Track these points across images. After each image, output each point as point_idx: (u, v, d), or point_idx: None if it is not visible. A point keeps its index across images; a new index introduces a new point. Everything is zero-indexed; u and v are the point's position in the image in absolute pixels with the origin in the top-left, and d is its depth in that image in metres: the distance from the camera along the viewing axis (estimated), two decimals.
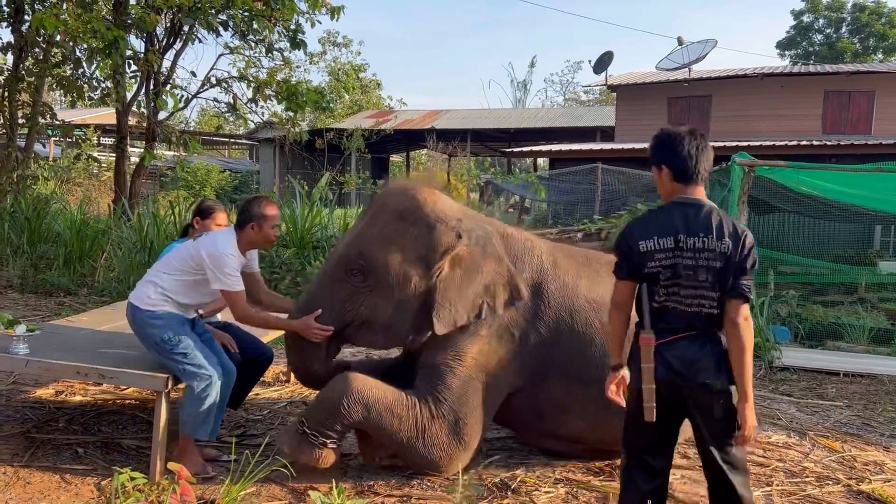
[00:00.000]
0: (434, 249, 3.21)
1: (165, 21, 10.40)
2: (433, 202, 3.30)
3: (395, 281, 3.21)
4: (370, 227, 3.31)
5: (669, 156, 2.50)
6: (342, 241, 3.40)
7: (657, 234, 2.43)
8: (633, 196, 10.48)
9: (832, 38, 34.85)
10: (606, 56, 17.80)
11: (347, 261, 3.27)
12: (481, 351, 3.32)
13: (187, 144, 11.31)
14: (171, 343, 3.26)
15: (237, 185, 24.79)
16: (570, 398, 3.40)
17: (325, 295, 3.31)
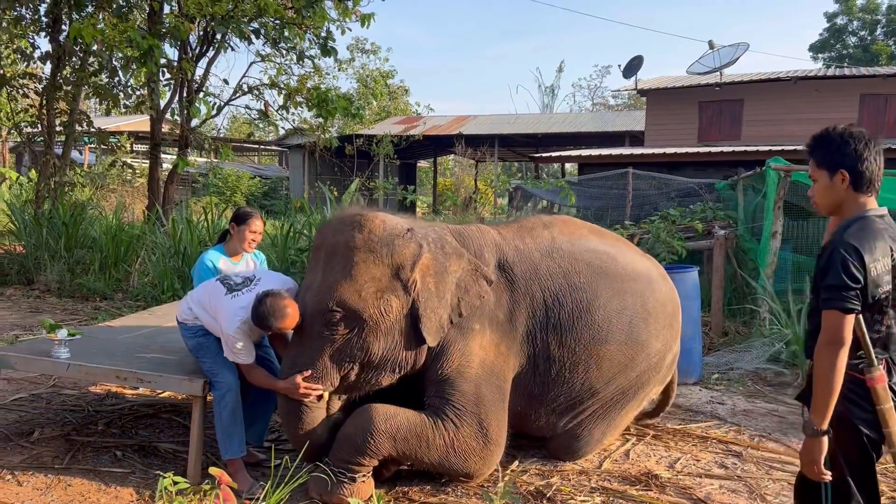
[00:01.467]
0: (402, 266, 3.18)
1: (199, 29, 10.54)
2: (381, 223, 3.24)
3: (378, 313, 3.13)
4: (331, 273, 3.16)
5: (851, 161, 2.17)
6: (306, 298, 3.18)
7: (881, 252, 2.10)
8: (664, 201, 10.37)
9: (867, 41, 34.24)
10: (636, 60, 17.67)
11: (324, 315, 3.10)
12: (482, 345, 3.35)
13: (219, 151, 11.44)
14: (202, 349, 3.37)
15: (267, 191, 25.02)
16: (565, 349, 3.49)
17: (315, 356, 3.15)
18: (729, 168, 11.57)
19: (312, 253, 3.39)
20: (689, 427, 4.44)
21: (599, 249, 3.75)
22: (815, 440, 2.11)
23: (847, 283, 2.05)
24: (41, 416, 4.16)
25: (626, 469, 3.72)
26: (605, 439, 3.89)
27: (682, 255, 7.41)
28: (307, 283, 3.29)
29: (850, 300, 2.05)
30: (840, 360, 2.05)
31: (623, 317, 3.62)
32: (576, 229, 3.86)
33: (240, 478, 3.28)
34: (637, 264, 3.85)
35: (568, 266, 3.59)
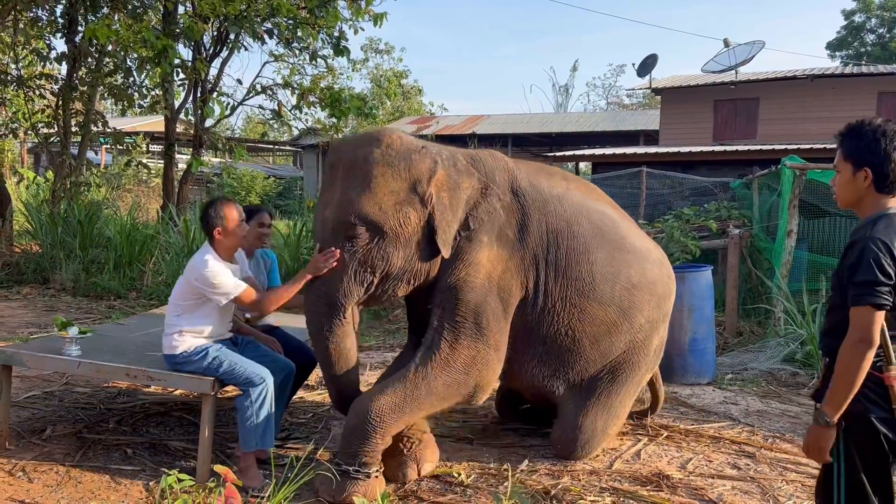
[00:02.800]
0: (419, 180, 3.27)
1: (212, 30, 10.59)
2: (398, 138, 3.34)
3: (398, 225, 3.22)
4: (350, 188, 3.23)
5: (879, 160, 2.12)
6: (325, 213, 3.29)
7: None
8: (678, 200, 10.30)
9: (885, 38, 33.82)
10: (650, 59, 17.54)
11: (346, 228, 3.21)
12: (489, 258, 3.41)
13: (233, 151, 11.49)
14: (213, 367, 3.31)
15: (281, 191, 25.12)
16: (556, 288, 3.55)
17: (337, 270, 3.23)
18: (744, 167, 11.46)
19: (329, 171, 3.41)
20: (701, 427, 4.40)
21: (607, 214, 3.83)
22: (825, 430, 2.08)
23: (880, 279, 2.01)
24: (53, 413, 4.19)
25: (636, 469, 3.68)
26: (609, 430, 3.83)
27: (696, 255, 7.36)
28: (324, 200, 3.36)
29: (882, 296, 2.02)
30: (868, 358, 2.02)
31: (608, 280, 3.64)
32: (593, 191, 3.98)
33: (252, 473, 3.29)
34: (637, 241, 3.88)
35: (573, 215, 3.64)
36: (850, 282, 2.07)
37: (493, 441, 4.08)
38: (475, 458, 3.79)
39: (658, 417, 4.53)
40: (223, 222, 3.34)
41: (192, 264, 3.35)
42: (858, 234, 2.12)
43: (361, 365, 5.69)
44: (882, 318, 2.04)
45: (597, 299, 3.62)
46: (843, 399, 2.05)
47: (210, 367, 3.29)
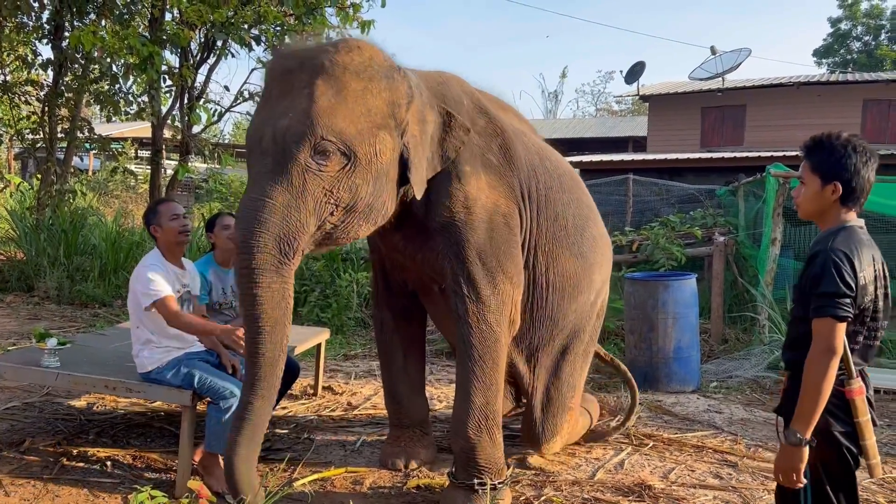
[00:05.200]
0: (398, 105, 2.80)
1: (199, 36, 10.56)
2: (379, 52, 2.83)
3: (372, 152, 2.71)
4: (319, 98, 2.61)
5: (848, 175, 2.14)
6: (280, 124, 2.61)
7: (867, 262, 2.10)
8: (665, 207, 10.34)
9: (871, 46, 34.13)
10: (638, 66, 17.65)
11: (314, 144, 2.59)
12: (479, 187, 3.09)
13: (220, 157, 11.45)
14: (186, 381, 3.28)
15: None
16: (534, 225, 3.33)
17: (296, 196, 2.60)
18: (731, 174, 11.53)
19: (279, 77, 2.75)
20: (685, 436, 4.40)
21: (560, 157, 3.80)
22: (798, 449, 2.07)
23: (842, 290, 2.03)
24: (32, 425, 4.14)
25: (619, 479, 3.68)
26: (570, 403, 3.75)
27: (681, 262, 7.38)
28: (275, 109, 2.69)
29: (844, 308, 2.03)
30: (832, 370, 2.02)
31: (578, 229, 3.53)
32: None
33: (216, 473, 3.28)
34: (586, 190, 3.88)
35: (541, 148, 3.56)
36: (813, 293, 2.08)
37: None
38: None
39: (642, 426, 4.54)
40: (157, 218, 3.35)
41: (137, 267, 3.37)
42: (819, 246, 2.13)
43: (347, 374, 5.70)
44: (844, 329, 2.05)
45: (569, 248, 3.45)
46: (812, 413, 2.05)
47: (184, 381, 3.28)
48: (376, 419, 4.58)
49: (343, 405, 4.87)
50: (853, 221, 2.17)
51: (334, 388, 5.23)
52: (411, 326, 3.76)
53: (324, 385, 5.19)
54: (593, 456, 4.02)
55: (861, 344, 2.16)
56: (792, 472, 2.09)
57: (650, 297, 5.59)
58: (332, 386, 5.26)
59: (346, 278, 7.61)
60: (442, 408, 4.91)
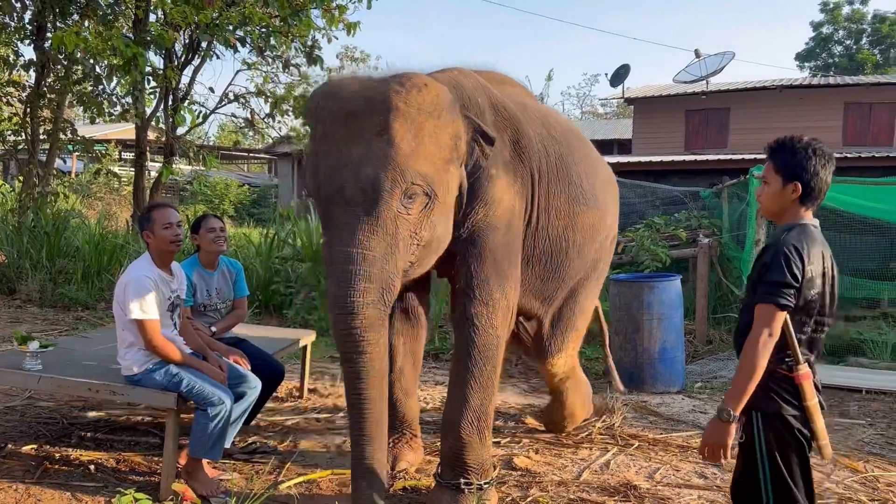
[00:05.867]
0: (460, 137, 2.85)
1: (184, 38, 10.51)
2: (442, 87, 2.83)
3: (445, 188, 2.74)
4: (402, 141, 2.60)
5: (809, 175, 2.25)
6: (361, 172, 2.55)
7: (815, 258, 2.22)
8: (650, 209, 10.40)
9: (852, 50, 34.53)
10: (623, 69, 17.74)
11: (405, 189, 2.58)
12: (503, 188, 3.10)
13: (205, 159, 11.39)
14: (173, 384, 3.25)
15: (256, 200, 24.96)
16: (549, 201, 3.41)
17: (391, 243, 2.62)
18: (715, 176, 11.60)
19: (335, 122, 2.67)
20: (670, 436, 4.42)
21: (555, 110, 3.88)
22: (727, 425, 2.19)
23: (787, 280, 2.16)
24: (14, 428, 4.10)
25: (605, 480, 3.69)
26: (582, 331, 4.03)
27: (666, 264, 7.43)
28: (347, 158, 2.61)
29: (786, 297, 2.16)
30: (766, 353, 2.16)
31: (589, 178, 3.65)
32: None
33: (201, 477, 3.26)
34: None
35: (544, 117, 3.60)
36: (760, 281, 2.21)
37: None
38: None
39: (627, 427, 4.56)
40: (150, 224, 3.32)
41: (127, 272, 3.34)
42: (774, 239, 2.27)
43: (334, 376, 5.68)
44: (783, 317, 2.16)
45: (585, 203, 3.57)
46: (744, 392, 2.17)
47: (170, 384, 3.24)
48: None
49: (329, 407, 4.85)
50: (808, 220, 2.29)
51: (320, 390, 5.22)
52: (412, 328, 3.77)
53: (310, 387, 5.17)
54: (579, 456, 4.04)
55: (808, 335, 2.27)
56: (719, 447, 2.21)
57: (635, 298, 5.62)
58: (317, 388, 5.25)
59: None
60: (430, 410, 4.90)
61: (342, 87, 2.75)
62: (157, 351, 3.23)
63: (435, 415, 4.74)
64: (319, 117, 2.73)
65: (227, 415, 3.26)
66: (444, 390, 5.39)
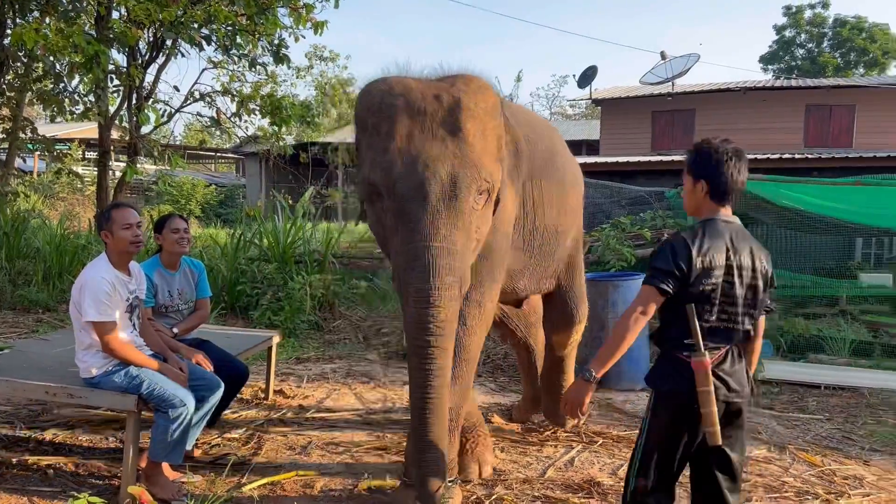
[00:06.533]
0: (502, 138, 2.99)
1: (148, 35, 10.34)
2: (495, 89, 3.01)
3: (495, 185, 2.85)
4: (475, 140, 2.73)
5: (712, 172, 2.43)
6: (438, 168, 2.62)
7: (713, 251, 2.36)
8: (616, 209, 10.51)
9: (814, 53, 35.24)
10: (590, 70, 17.89)
11: (478, 187, 2.70)
12: (510, 196, 3.22)
13: (170, 159, 11.23)
14: (133, 386, 3.20)
15: (223, 200, 24.66)
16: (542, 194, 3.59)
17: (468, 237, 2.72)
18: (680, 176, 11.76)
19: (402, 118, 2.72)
20: (634, 433, 4.45)
21: (534, 115, 4.21)
22: (588, 385, 2.46)
23: (670, 269, 2.34)
24: None
25: (569, 477, 3.72)
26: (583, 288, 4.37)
27: (631, 263, 7.50)
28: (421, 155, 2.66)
29: (665, 283, 2.35)
30: (636, 328, 2.38)
31: (569, 165, 3.96)
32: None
33: (160, 481, 3.23)
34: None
35: (524, 114, 3.78)
36: (650, 264, 2.42)
37: None
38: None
39: (592, 424, 4.60)
40: (109, 224, 3.26)
41: (84, 272, 3.27)
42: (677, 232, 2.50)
43: (300, 377, 5.65)
44: (660, 300, 2.37)
45: (568, 189, 3.82)
46: (610, 358, 2.41)
47: (130, 386, 3.20)
48: (329, 422, 4.55)
49: (294, 409, 4.82)
50: (720, 216, 2.44)
51: (286, 391, 5.18)
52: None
53: (275, 389, 5.13)
54: (544, 454, 4.07)
55: (711, 324, 2.39)
56: (577, 403, 2.47)
57: (600, 296, 5.66)
58: (283, 390, 5.21)
59: (300, 281, 7.54)
60: (399, 409, 4.90)
61: (407, 86, 2.79)
62: (115, 353, 3.18)
63: (402, 415, 4.74)
64: (385, 114, 2.74)
65: (189, 417, 3.22)
66: None
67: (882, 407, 5.27)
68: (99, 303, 3.11)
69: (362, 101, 2.89)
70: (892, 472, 3.98)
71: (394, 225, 2.70)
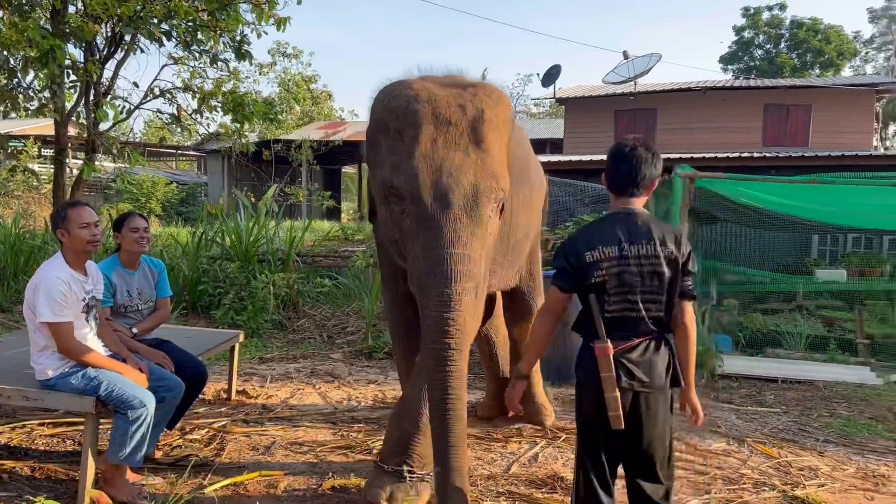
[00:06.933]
0: (508, 145, 3.06)
1: (106, 30, 10.13)
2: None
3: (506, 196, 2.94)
4: (495, 151, 2.83)
5: (610, 167, 2.58)
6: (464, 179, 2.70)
7: (601, 243, 2.48)
8: (580, 207, 10.60)
9: (772, 54, 35.98)
10: (554, 69, 18.01)
11: (497, 194, 2.78)
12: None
13: (129, 156, 11.01)
14: (91, 387, 3.14)
15: (184, 198, 24.29)
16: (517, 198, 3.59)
17: (484, 245, 2.79)
18: None
19: (426, 125, 2.77)
20: None
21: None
22: (519, 381, 2.76)
23: (563, 266, 2.54)
24: None
25: (533, 472, 3.76)
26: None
27: None
28: (446, 164, 2.73)
29: (562, 280, 2.56)
30: (541, 322, 2.65)
31: (536, 166, 4.11)
32: None
33: (118, 483, 3.18)
34: None
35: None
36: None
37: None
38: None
39: (556, 420, 4.63)
40: (65, 223, 3.19)
41: (38, 272, 3.20)
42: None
43: (263, 377, 5.60)
44: (563, 297, 2.58)
45: (535, 193, 3.93)
46: (527, 354, 2.75)
47: (88, 388, 3.13)
48: (293, 421, 4.52)
49: (258, 408, 4.78)
50: (619, 208, 2.58)
51: (249, 391, 5.13)
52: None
53: (238, 389, 5.08)
54: (508, 450, 4.09)
55: (614, 313, 2.49)
56: (511, 398, 2.75)
57: None
58: (246, 390, 5.16)
59: (263, 280, 7.47)
60: (362, 409, 4.89)
61: (433, 94, 2.83)
62: (71, 354, 3.11)
63: (366, 413, 4.73)
64: (410, 121, 2.78)
65: (149, 419, 3.17)
66: (376, 389, 5.39)
67: (836, 399, 5.41)
68: (54, 303, 3.05)
69: (385, 103, 2.91)
70: (845, 462, 4.09)
71: (415, 229, 2.75)
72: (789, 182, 7.78)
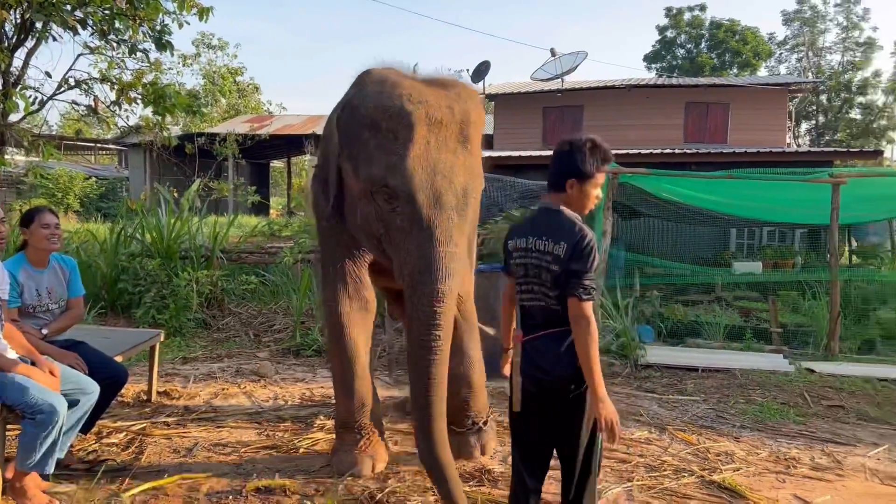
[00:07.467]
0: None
1: (15, 17, 9.64)
2: None
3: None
4: (478, 152, 3.10)
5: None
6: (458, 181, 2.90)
7: (517, 235, 2.65)
8: (509, 202, 10.70)
9: (693, 53, 37.15)
10: (484, 65, 18.10)
11: (479, 193, 3.11)
12: None
13: (42, 149, 10.52)
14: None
15: (104, 193, 23.39)
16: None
17: (468, 238, 3.13)
18: None
19: (421, 126, 2.89)
20: None
21: None
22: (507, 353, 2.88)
23: (502, 254, 2.73)
24: None
25: (461, 466, 3.74)
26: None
27: None
28: (443, 165, 2.90)
29: (504, 264, 2.72)
30: (501, 306, 2.87)
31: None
32: None
33: (31, 492, 3.06)
34: None
35: None
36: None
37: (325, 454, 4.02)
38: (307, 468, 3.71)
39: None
40: None
41: None
42: None
43: (186, 377, 5.44)
44: (511, 286, 2.71)
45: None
46: (504, 339, 2.89)
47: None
48: (216, 422, 4.41)
49: (180, 410, 4.64)
50: (543, 203, 2.67)
51: (170, 392, 4.98)
52: (368, 321, 3.71)
53: (159, 390, 4.92)
54: None
55: (524, 301, 2.63)
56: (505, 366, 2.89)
57: (492, 287, 5.75)
58: (168, 391, 5.00)
59: (185, 277, 7.26)
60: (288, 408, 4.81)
61: (423, 94, 2.95)
62: None
63: (293, 412, 4.66)
64: (404, 122, 2.89)
65: (60, 423, 3.03)
66: (304, 387, 5.31)
67: (751, 386, 5.63)
68: None
69: (375, 101, 2.98)
70: (759, 446, 4.26)
71: (408, 228, 2.87)
72: (708, 178, 8.06)
